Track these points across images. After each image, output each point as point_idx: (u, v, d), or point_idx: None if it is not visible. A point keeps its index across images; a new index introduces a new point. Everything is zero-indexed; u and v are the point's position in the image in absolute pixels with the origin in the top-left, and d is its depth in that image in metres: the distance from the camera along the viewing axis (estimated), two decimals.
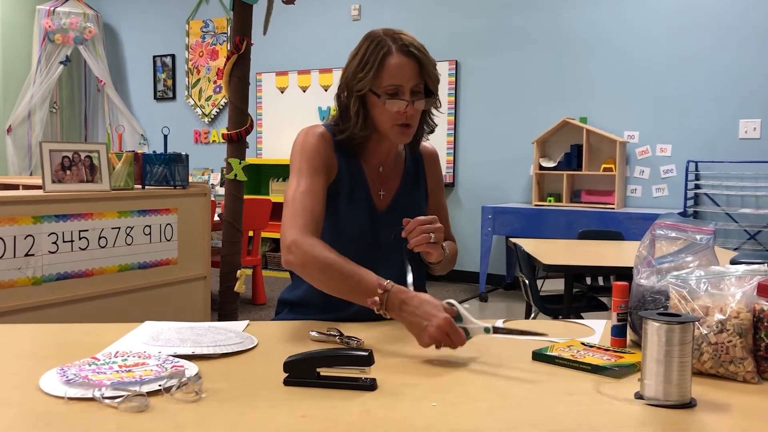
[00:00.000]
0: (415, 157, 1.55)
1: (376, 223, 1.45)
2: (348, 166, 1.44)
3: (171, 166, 2.87)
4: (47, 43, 6.92)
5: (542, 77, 5.35)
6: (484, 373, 1.04)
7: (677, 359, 0.90)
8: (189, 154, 3.08)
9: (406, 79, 1.35)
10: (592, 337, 1.27)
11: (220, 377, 1.01)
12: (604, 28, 5.12)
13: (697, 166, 4.86)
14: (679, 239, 1.15)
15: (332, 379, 0.98)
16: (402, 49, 1.36)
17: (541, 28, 5.35)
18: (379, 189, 1.47)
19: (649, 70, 4.99)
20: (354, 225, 1.44)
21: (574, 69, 5.23)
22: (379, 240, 1.43)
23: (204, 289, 3.10)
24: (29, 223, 2.35)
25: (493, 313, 4.77)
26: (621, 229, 4.12)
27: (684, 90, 4.89)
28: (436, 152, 1.60)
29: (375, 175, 1.48)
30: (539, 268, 2.97)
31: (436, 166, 1.58)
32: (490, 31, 5.55)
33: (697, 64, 4.84)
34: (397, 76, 1.35)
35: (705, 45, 4.82)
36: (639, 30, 5.01)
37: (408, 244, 1.28)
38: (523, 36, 5.41)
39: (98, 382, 0.94)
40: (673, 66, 4.91)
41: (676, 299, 1.06)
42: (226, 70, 3.28)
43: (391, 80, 1.35)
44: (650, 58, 4.98)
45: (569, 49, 5.25)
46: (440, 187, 1.60)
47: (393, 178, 1.49)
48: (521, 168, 5.45)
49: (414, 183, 1.53)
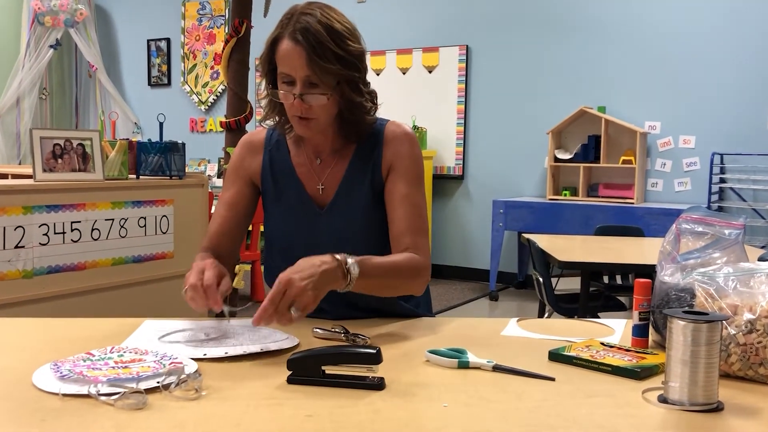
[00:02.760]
0: (372, 141, 1.39)
1: (315, 223, 1.39)
2: (273, 162, 1.43)
3: (167, 156, 2.87)
4: (36, 26, 6.93)
5: (558, 63, 5.33)
6: (498, 372, 1.04)
7: (704, 360, 0.90)
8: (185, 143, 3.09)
9: (294, 68, 1.27)
10: (611, 337, 1.27)
11: (221, 375, 1.01)
12: (625, 10, 5.09)
13: (722, 159, 4.84)
14: (706, 234, 1.15)
15: (338, 377, 0.98)
16: (291, 35, 1.26)
17: (557, 10, 5.33)
18: (317, 183, 1.41)
19: (673, 56, 4.96)
20: (284, 226, 1.43)
21: (593, 55, 5.21)
22: (318, 241, 1.34)
23: None
24: (19, 213, 2.36)
25: (504, 312, 4.77)
26: (640, 224, 4.11)
27: (709, 78, 4.86)
28: (402, 132, 1.40)
29: (311, 169, 1.41)
30: (554, 265, 2.96)
31: (398, 148, 1.38)
32: (502, 13, 5.53)
33: (723, 51, 4.81)
34: (286, 65, 1.28)
35: (732, 31, 4.79)
36: (662, 14, 4.98)
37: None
38: (538, 19, 5.39)
39: (94, 378, 0.94)
40: (698, 52, 4.88)
41: (703, 297, 1.06)
42: (224, 54, 3.28)
43: (282, 68, 1.29)
44: (673, 44, 4.95)
45: (587, 34, 5.22)
46: (403, 174, 1.37)
47: (335, 169, 1.40)
48: (535, 160, 5.44)
49: (361, 172, 1.39)
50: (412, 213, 1.35)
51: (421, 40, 5.84)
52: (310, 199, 1.41)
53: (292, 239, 1.42)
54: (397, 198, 1.36)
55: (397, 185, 1.37)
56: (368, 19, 5.80)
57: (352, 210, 1.39)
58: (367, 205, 1.39)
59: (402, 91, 5.87)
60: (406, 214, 1.35)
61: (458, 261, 5.81)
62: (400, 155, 1.38)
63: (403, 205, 1.35)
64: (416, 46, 5.85)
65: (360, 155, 1.40)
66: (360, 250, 1.39)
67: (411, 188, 1.37)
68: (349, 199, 1.40)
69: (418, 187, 1.38)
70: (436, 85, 5.78)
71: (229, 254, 1.44)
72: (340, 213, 1.40)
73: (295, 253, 1.42)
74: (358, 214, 1.39)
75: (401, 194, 1.36)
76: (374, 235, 1.39)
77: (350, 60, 1.29)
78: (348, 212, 1.40)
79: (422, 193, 1.39)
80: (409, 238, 1.34)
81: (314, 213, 1.41)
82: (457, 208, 5.81)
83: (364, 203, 1.39)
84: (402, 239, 1.34)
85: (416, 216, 1.35)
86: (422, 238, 1.35)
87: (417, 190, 1.38)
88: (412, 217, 1.35)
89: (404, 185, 1.36)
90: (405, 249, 1.33)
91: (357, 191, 1.39)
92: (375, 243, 1.40)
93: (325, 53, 1.26)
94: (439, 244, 5.82)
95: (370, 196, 1.39)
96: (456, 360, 1.07)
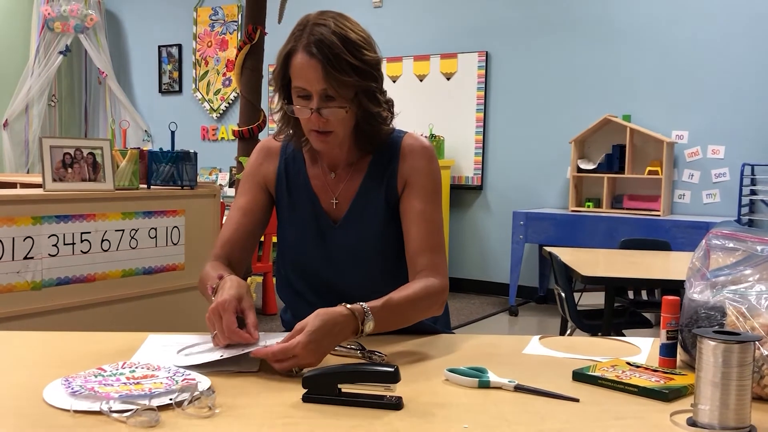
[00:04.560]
0: (388, 154, 1.40)
1: (328, 237, 1.41)
2: (289, 173, 1.44)
3: (179, 165, 2.90)
4: (46, 32, 7.05)
5: (581, 70, 5.32)
6: (520, 392, 1.04)
7: (735, 382, 0.89)
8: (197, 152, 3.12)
9: (310, 82, 1.27)
10: (638, 357, 1.26)
11: (235, 392, 1.02)
12: (652, 15, 5.08)
13: (753, 170, 4.80)
14: (737, 250, 1.14)
15: (355, 396, 0.98)
16: (306, 48, 1.27)
17: (580, 15, 5.33)
18: (332, 197, 1.42)
19: (701, 63, 4.94)
20: (296, 239, 1.44)
21: (618, 61, 5.20)
22: (331, 256, 1.39)
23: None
24: (28, 224, 2.39)
25: (524, 328, 4.75)
26: (667, 238, 4.08)
27: (739, 86, 4.83)
28: (419, 146, 1.41)
29: (325, 182, 1.42)
30: (576, 279, 2.95)
31: (414, 163, 1.38)
32: (523, 18, 5.54)
33: (754, 58, 4.78)
34: (301, 79, 1.28)
35: (763, 38, 4.76)
36: (689, 19, 4.97)
37: None
38: (561, 24, 5.40)
39: (105, 394, 0.96)
40: (728, 59, 4.85)
41: (734, 316, 1.05)
42: (237, 61, 3.32)
43: (297, 81, 1.30)
44: (702, 50, 4.93)
45: (612, 39, 5.22)
46: (420, 189, 1.37)
47: (349, 183, 1.41)
48: (557, 170, 5.43)
49: (376, 186, 1.40)
50: (428, 230, 1.36)
51: (439, 46, 5.86)
52: (324, 212, 1.42)
53: (304, 253, 1.44)
54: (413, 215, 1.37)
55: (413, 201, 1.38)
56: (384, 25, 5.84)
57: (365, 225, 1.40)
58: (381, 220, 1.40)
59: (419, 98, 5.89)
60: (421, 232, 1.36)
61: (477, 274, 5.79)
62: (416, 170, 1.39)
63: (419, 222, 1.36)
64: (434, 52, 5.88)
65: (375, 169, 1.41)
66: (373, 264, 1.40)
67: (427, 204, 1.38)
68: (362, 214, 1.40)
69: (435, 203, 1.39)
70: (454, 93, 5.80)
71: (241, 262, 1.45)
72: (353, 228, 1.41)
73: (307, 266, 1.44)
74: (371, 230, 1.40)
75: (417, 211, 1.37)
76: (389, 250, 1.41)
77: (367, 70, 1.30)
78: (362, 227, 1.40)
79: (439, 209, 1.40)
80: (426, 258, 1.35)
81: (328, 227, 1.42)
82: (476, 219, 5.80)
83: (379, 218, 1.40)
84: (418, 259, 1.35)
85: (432, 233, 1.36)
86: (439, 256, 1.36)
87: (433, 206, 1.38)
88: (429, 235, 1.36)
89: (420, 201, 1.37)
90: (421, 270, 1.34)
91: (371, 206, 1.40)
92: (389, 258, 1.41)
93: (342, 65, 1.26)
94: (458, 256, 5.81)
95: (385, 210, 1.40)
96: (476, 379, 1.07)
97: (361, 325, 1.16)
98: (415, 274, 1.35)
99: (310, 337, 1.08)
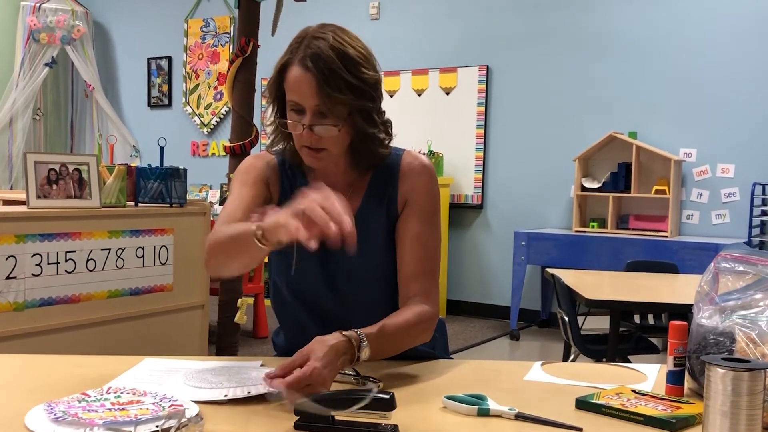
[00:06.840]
0: (387, 173, 1.41)
1: (327, 261, 1.39)
2: (292, 192, 1.41)
3: (167, 182, 2.91)
4: (32, 43, 7.09)
5: (586, 85, 5.37)
6: (521, 421, 1.04)
7: (745, 412, 0.89)
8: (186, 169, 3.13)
9: (303, 97, 1.28)
10: (644, 384, 1.26)
11: (224, 419, 1.02)
12: (658, 29, 5.13)
13: (764, 190, 4.82)
14: (747, 274, 1.15)
15: (349, 424, 0.98)
16: (301, 61, 1.27)
17: (584, 29, 5.38)
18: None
19: (709, 78, 4.98)
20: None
21: (623, 76, 5.25)
22: (332, 279, 1.40)
23: (201, 319, 3.12)
24: (11, 242, 2.39)
25: (525, 352, 4.73)
26: (675, 260, 4.08)
27: (749, 103, 4.87)
28: (419, 164, 1.41)
29: None
30: (580, 303, 2.95)
31: (414, 182, 1.39)
32: (525, 32, 5.59)
33: (764, 73, 4.82)
34: (294, 92, 1.29)
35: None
36: (697, 33, 5.02)
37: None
38: (564, 38, 5.45)
39: (89, 420, 0.95)
40: (737, 75, 4.90)
41: (743, 342, 1.06)
42: (229, 74, 3.34)
43: (291, 95, 1.30)
44: (710, 65, 4.97)
45: (616, 54, 5.26)
46: (417, 210, 1.38)
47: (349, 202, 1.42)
48: (560, 189, 5.45)
49: (376, 208, 1.40)
50: (422, 255, 1.37)
51: (438, 59, 5.91)
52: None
53: (302, 276, 1.43)
54: (409, 237, 1.38)
55: (409, 223, 1.38)
56: (381, 37, 5.88)
57: (365, 248, 1.39)
58: (381, 243, 1.40)
59: (417, 113, 5.92)
60: (416, 256, 1.37)
61: (477, 297, 5.79)
62: (416, 190, 1.39)
63: (414, 245, 1.37)
64: (433, 66, 5.92)
65: (374, 190, 1.41)
66: (374, 288, 1.39)
67: (424, 226, 1.38)
68: (362, 237, 1.40)
69: (432, 223, 1.40)
70: (453, 108, 5.83)
71: None
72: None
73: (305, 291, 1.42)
74: (371, 253, 1.39)
75: (413, 233, 1.38)
76: (389, 273, 1.40)
77: (364, 89, 1.30)
78: (361, 250, 1.40)
79: (436, 231, 1.41)
80: (418, 284, 1.36)
81: (326, 250, 1.42)
82: (476, 239, 5.81)
83: (378, 242, 1.40)
84: (410, 285, 1.37)
85: (427, 258, 1.38)
86: (431, 282, 1.38)
87: (431, 227, 1.39)
88: (423, 260, 1.37)
89: (417, 223, 1.38)
90: (413, 296, 1.35)
91: (371, 229, 1.39)
92: (389, 281, 1.40)
93: (337, 82, 1.26)
94: (457, 278, 5.81)
95: (385, 233, 1.40)
96: (475, 407, 1.07)
97: (358, 352, 1.17)
98: (406, 300, 1.36)
99: (323, 363, 1.09)
